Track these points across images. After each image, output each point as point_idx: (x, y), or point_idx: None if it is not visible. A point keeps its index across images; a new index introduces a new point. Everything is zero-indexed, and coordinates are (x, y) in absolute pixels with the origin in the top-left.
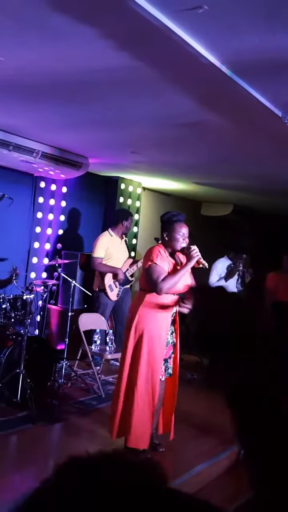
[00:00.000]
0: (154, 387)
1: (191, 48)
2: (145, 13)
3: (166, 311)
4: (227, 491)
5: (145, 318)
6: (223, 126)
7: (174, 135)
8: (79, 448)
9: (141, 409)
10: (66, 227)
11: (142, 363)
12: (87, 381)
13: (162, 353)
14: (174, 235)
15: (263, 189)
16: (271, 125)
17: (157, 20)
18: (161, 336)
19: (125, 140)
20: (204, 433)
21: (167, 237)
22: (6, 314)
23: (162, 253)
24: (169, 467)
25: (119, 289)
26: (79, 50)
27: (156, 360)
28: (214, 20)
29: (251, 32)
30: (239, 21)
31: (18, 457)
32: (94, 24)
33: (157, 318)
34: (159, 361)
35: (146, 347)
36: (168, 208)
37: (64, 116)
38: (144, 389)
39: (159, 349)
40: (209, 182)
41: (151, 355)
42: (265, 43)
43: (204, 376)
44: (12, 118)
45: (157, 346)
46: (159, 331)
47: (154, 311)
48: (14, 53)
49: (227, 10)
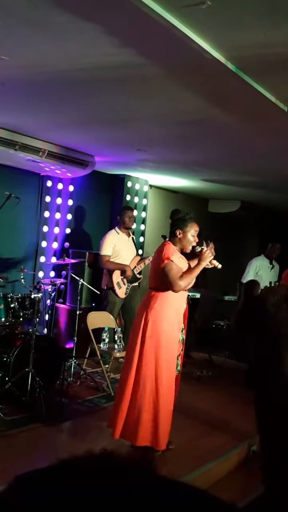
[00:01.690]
0: (172, 385)
1: (195, 44)
2: (148, 9)
3: (181, 307)
4: (237, 488)
5: (160, 316)
6: (229, 122)
7: (180, 132)
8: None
9: (166, 407)
10: (74, 225)
11: (162, 362)
12: (96, 380)
13: (177, 350)
14: (188, 235)
15: (271, 185)
16: (277, 120)
17: (160, 16)
18: (175, 334)
19: (131, 138)
20: (214, 430)
21: (180, 235)
22: (15, 313)
23: (175, 250)
24: (178, 464)
25: (127, 286)
26: (83, 48)
27: (173, 358)
28: (217, 16)
29: (255, 28)
30: (242, 16)
31: (27, 455)
32: (97, 21)
33: (172, 316)
34: (175, 358)
35: (163, 345)
36: (175, 205)
37: (70, 115)
38: (165, 388)
39: (175, 347)
40: (216, 178)
41: (169, 353)
42: (269, 38)
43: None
44: (18, 118)
45: (173, 344)
46: (173, 329)
47: (168, 309)
48: (18, 52)
49: (231, 5)
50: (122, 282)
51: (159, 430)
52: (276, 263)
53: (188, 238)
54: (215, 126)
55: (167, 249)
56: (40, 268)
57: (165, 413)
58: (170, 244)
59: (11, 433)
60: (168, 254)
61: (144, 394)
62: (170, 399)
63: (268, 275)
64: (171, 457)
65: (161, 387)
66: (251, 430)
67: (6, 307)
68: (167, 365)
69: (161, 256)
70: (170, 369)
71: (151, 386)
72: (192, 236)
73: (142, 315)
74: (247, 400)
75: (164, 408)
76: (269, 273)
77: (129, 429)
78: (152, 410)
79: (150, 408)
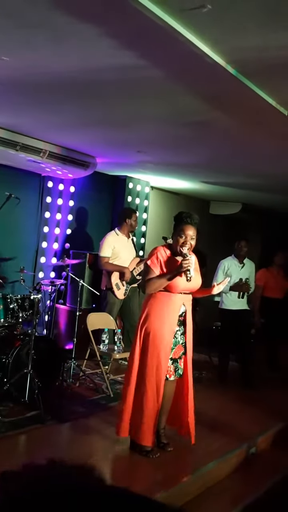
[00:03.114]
0: (158, 386)
1: (195, 47)
2: (149, 12)
3: (173, 310)
4: (235, 490)
5: (151, 317)
6: (229, 125)
7: (181, 135)
8: (88, 448)
9: (146, 407)
10: (74, 226)
11: (148, 362)
12: (95, 381)
13: (167, 352)
14: (175, 236)
15: (272, 187)
16: (277, 123)
17: (160, 19)
18: (164, 335)
19: (132, 139)
20: (213, 431)
21: (172, 237)
22: (14, 314)
23: (162, 253)
24: (178, 466)
25: (126, 287)
26: (83, 50)
27: (160, 359)
28: (218, 19)
29: (255, 31)
30: (243, 20)
31: (27, 457)
32: (98, 23)
33: (163, 317)
34: (164, 360)
35: (151, 345)
36: (176, 207)
37: (71, 116)
38: (149, 388)
39: (163, 348)
40: (217, 181)
41: (155, 353)
42: (269, 42)
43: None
44: (19, 118)
45: (161, 345)
46: (163, 330)
47: (160, 310)
48: (18, 53)
49: (231, 9)
50: (121, 283)
51: (138, 424)
52: (250, 261)
53: (175, 240)
54: (215, 129)
55: (153, 252)
56: (40, 269)
57: (146, 410)
58: (160, 247)
59: (9, 434)
60: (150, 257)
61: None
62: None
63: (239, 273)
64: (169, 459)
65: (144, 386)
66: (251, 432)
67: (6, 307)
68: (152, 367)
69: (147, 258)
70: (157, 370)
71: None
72: (180, 237)
73: (140, 317)
74: (246, 401)
75: (144, 406)
76: (240, 271)
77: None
78: (135, 408)
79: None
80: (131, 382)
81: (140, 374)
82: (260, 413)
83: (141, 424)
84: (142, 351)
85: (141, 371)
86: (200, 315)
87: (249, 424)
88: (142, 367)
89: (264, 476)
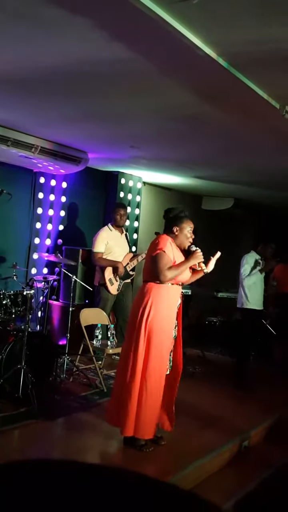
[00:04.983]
0: (162, 380)
1: (187, 40)
2: (139, 4)
3: (173, 302)
4: (228, 484)
5: (156, 310)
6: (222, 119)
7: (173, 129)
8: (81, 443)
9: (151, 401)
10: (67, 222)
11: (155, 356)
12: (89, 376)
13: (169, 345)
14: (184, 232)
15: (264, 183)
16: (269, 117)
17: (151, 11)
18: (168, 328)
19: (124, 134)
20: (206, 425)
21: (177, 232)
22: (7, 310)
23: (171, 243)
24: (170, 460)
25: (120, 283)
26: (74, 43)
27: (164, 353)
28: (209, 11)
29: (247, 24)
30: (234, 13)
31: (20, 452)
32: (88, 16)
33: (167, 310)
34: (166, 353)
35: (157, 339)
36: (168, 202)
37: (62, 110)
38: (153, 382)
39: (167, 341)
40: (210, 176)
41: (160, 347)
42: (261, 35)
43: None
44: (10, 113)
45: (165, 338)
46: (166, 323)
47: (165, 303)
48: (7, 46)
49: (222, 1)
50: (114, 278)
51: (141, 419)
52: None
53: (185, 234)
54: (207, 122)
55: (162, 240)
56: (33, 265)
57: (151, 404)
58: (166, 236)
59: (3, 429)
60: (161, 245)
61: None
62: (158, 393)
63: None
64: (163, 453)
65: (149, 382)
66: (243, 426)
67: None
68: (156, 361)
69: (156, 246)
70: (160, 366)
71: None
72: (188, 232)
73: (137, 311)
74: (239, 396)
75: (149, 400)
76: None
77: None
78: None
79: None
80: (136, 378)
81: (145, 369)
82: (253, 408)
83: (146, 419)
84: (147, 345)
85: (146, 365)
86: (192, 311)
87: (242, 418)
88: (147, 362)
89: (256, 469)
